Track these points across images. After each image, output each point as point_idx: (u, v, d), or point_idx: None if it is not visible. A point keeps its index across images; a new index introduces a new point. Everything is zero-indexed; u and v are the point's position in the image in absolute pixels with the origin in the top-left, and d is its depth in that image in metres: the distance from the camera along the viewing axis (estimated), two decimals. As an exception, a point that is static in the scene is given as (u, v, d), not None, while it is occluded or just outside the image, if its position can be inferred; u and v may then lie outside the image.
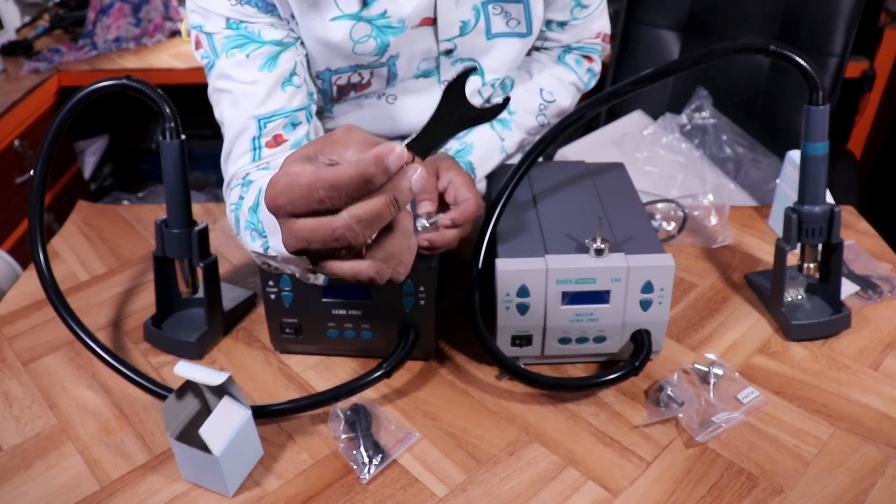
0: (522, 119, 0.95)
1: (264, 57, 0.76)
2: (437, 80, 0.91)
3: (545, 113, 0.96)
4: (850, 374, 0.81)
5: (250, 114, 0.77)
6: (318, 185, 0.41)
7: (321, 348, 0.85)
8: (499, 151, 0.92)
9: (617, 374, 0.76)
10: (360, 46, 0.80)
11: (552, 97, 0.96)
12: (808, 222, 0.82)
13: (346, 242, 0.42)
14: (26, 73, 1.80)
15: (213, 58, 0.77)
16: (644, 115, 1.54)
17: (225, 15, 0.75)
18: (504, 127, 0.93)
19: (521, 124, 0.94)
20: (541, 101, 0.95)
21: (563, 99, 0.97)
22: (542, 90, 0.96)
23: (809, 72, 0.76)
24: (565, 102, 0.98)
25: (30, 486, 0.70)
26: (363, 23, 0.79)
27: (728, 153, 1.40)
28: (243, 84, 0.76)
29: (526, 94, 0.95)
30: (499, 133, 0.93)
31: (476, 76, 0.91)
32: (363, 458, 0.71)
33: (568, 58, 0.99)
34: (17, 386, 0.83)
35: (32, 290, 0.98)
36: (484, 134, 0.91)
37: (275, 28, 0.77)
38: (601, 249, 0.76)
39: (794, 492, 0.68)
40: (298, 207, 0.42)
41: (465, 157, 0.89)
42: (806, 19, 1.41)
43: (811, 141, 0.79)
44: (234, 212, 0.76)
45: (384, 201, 0.42)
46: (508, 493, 0.69)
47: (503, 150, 0.93)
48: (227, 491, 0.68)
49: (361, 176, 0.41)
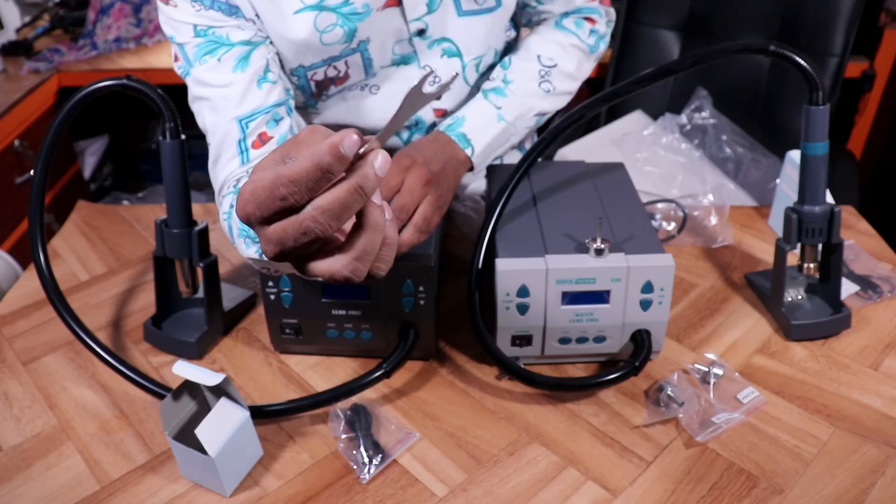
0: (520, 87, 0.91)
1: (236, 58, 0.76)
2: (417, 66, 0.89)
3: (548, 79, 0.92)
4: (850, 373, 0.81)
5: (231, 116, 0.76)
6: (278, 182, 0.41)
7: (321, 348, 0.85)
8: (496, 120, 0.89)
9: (617, 374, 0.76)
10: (326, 36, 0.79)
11: (552, 61, 0.93)
12: (809, 222, 0.82)
13: (314, 235, 0.42)
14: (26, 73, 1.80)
15: (187, 67, 0.77)
16: (644, 115, 1.54)
17: (192, 22, 0.75)
18: (498, 95, 0.90)
19: (518, 92, 0.91)
20: (540, 67, 0.92)
21: (566, 62, 0.94)
22: (539, 56, 0.93)
23: (809, 72, 0.76)
24: (569, 66, 0.94)
25: (30, 486, 0.70)
26: (326, 12, 0.78)
27: (728, 153, 1.40)
28: (219, 88, 0.76)
29: (522, 63, 0.92)
30: (493, 102, 0.90)
31: (451, 60, 0.89)
32: (363, 458, 0.71)
33: (566, 22, 0.96)
34: (17, 386, 0.83)
35: (32, 290, 0.98)
36: (475, 105, 0.89)
37: (242, 29, 0.77)
38: (601, 249, 0.76)
39: (794, 492, 0.68)
40: (266, 210, 0.42)
41: (456, 130, 0.87)
42: (806, 19, 1.41)
43: (811, 141, 0.79)
44: (226, 220, 0.76)
45: (347, 189, 0.41)
46: (508, 493, 0.69)
47: (500, 118, 0.89)
48: (225, 491, 0.68)
49: (318, 166, 0.40)
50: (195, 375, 0.66)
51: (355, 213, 0.43)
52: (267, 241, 0.44)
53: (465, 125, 0.87)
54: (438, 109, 0.94)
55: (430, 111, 0.93)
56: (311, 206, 0.42)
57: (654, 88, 1.58)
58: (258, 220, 0.43)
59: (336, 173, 0.41)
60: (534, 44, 0.94)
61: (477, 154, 0.87)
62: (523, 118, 0.91)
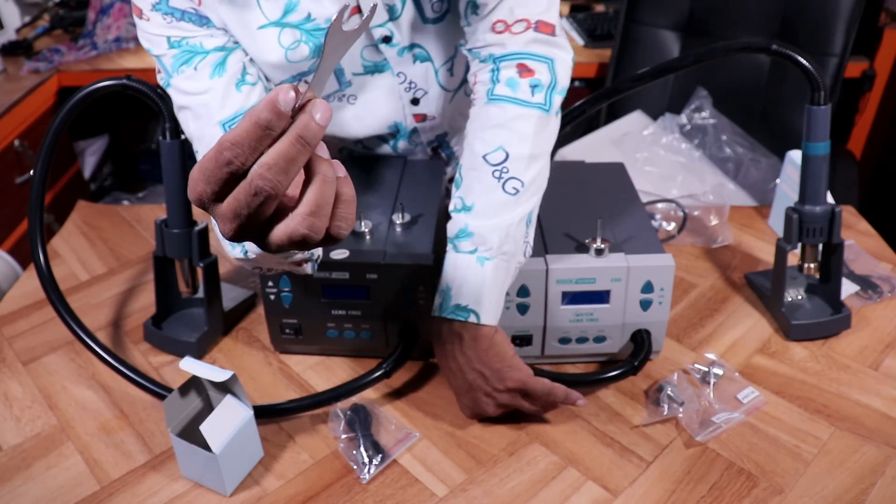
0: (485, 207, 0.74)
1: (212, 65, 0.76)
2: (391, 73, 0.85)
3: (507, 176, 0.73)
4: (850, 373, 0.81)
5: (213, 121, 0.76)
6: (222, 148, 0.41)
7: (321, 348, 0.85)
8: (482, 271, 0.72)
9: (616, 372, 0.76)
10: (292, 53, 0.77)
11: (501, 154, 0.74)
12: (809, 222, 0.82)
13: (265, 193, 0.42)
14: (26, 73, 1.80)
15: (167, 78, 0.77)
16: (643, 116, 1.54)
17: (165, 35, 0.75)
18: (464, 238, 0.74)
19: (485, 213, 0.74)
20: (492, 168, 0.74)
21: (517, 146, 0.74)
22: (485, 156, 0.74)
23: (811, 71, 0.76)
24: (523, 147, 0.74)
25: (30, 486, 0.70)
26: (290, 28, 0.76)
27: (728, 153, 1.41)
28: (198, 95, 0.76)
29: (473, 174, 0.75)
30: (464, 250, 0.74)
31: (424, 65, 0.85)
32: (363, 458, 0.71)
33: (498, 88, 0.76)
34: (17, 386, 0.83)
35: (32, 290, 0.97)
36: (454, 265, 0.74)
37: (214, 37, 0.76)
38: (601, 249, 0.76)
39: (794, 492, 0.68)
40: (216, 181, 0.42)
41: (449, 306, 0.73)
42: (806, 19, 1.41)
43: (813, 141, 0.79)
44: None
45: (289, 141, 0.41)
46: (508, 493, 0.69)
47: (482, 260, 0.73)
48: (225, 490, 0.68)
49: (257, 124, 0.41)
50: (203, 371, 0.66)
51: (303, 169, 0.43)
52: (223, 220, 0.44)
53: (457, 299, 0.73)
54: (418, 115, 0.90)
55: (410, 118, 0.91)
56: (256, 164, 0.42)
57: (654, 88, 1.58)
58: (210, 197, 0.43)
59: (276, 129, 0.41)
60: (472, 141, 0.77)
61: (485, 318, 0.72)
62: (510, 239, 0.73)
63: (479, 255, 0.73)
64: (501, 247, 0.73)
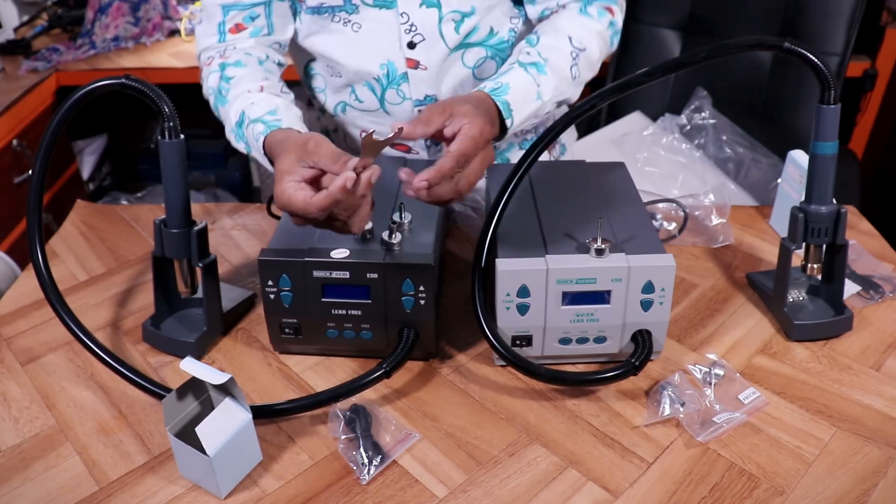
0: (556, 67, 0.90)
1: None
2: (396, 13, 0.93)
3: (577, 63, 0.92)
4: (851, 374, 0.81)
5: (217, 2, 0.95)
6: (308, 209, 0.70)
7: (321, 349, 0.85)
8: (535, 98, 0.88)
9: (617, 373, 0.76)
10: None
11: (582, 45, 0.92)
12: (815, 222, 0.82)
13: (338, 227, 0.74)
14: (24, 72, 1.79)
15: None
16: (643, 117, 1.54)
17: None
18: (539, 72, 0.89)
19: (555, 70, 0.90)
20: (572, 49, 0.91)
21: (592, 48, 0.93)
22: (570, 38, 0.91)
23: (822, 70, 0.75)
24: (594, 53, 0.93)
25: (28, 486, 0.70)
26: None
27: (728, 153, 1.40)
28: None
29: (554, 42, 0.91)
30: (534, 77, 0.88)
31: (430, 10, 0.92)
32: (363, 458, 0.71)
33: (590, 9, 0.95)
34: (16, 386, 0.83)
35: (31, 290, 0.97)
36: (518, 76, 0.88)
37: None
38: (602, 249, 0.76)
39: (796, 493, 0.67)
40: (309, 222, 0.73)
41: (501, 97, 0.85)
42: (807, 18, 1.41)
43: (821, 140, 0.78)
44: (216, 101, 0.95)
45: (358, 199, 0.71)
46: (509, 494, 0.68)
47: (539, 96, 0.88)
48: (220, 493, 0.68)
49: (335, 202, 0.69)
50: (202, 373, 0.66)
51: None
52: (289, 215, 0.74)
53: (509, 93, 0.85)
54: (411, 60, 0.95)
55: (403, 61, 0.95)
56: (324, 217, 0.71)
57: (654, 88, 1.57)
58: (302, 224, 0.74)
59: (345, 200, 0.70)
60: (563, 24, 0.93)
61: (514, 126, 0.86)
62: (552, 101, 0.91)
63: (538, 91, 0.88)
64: (546, 102, 0.90)
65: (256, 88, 0.91)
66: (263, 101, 0.89)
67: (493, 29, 0.97)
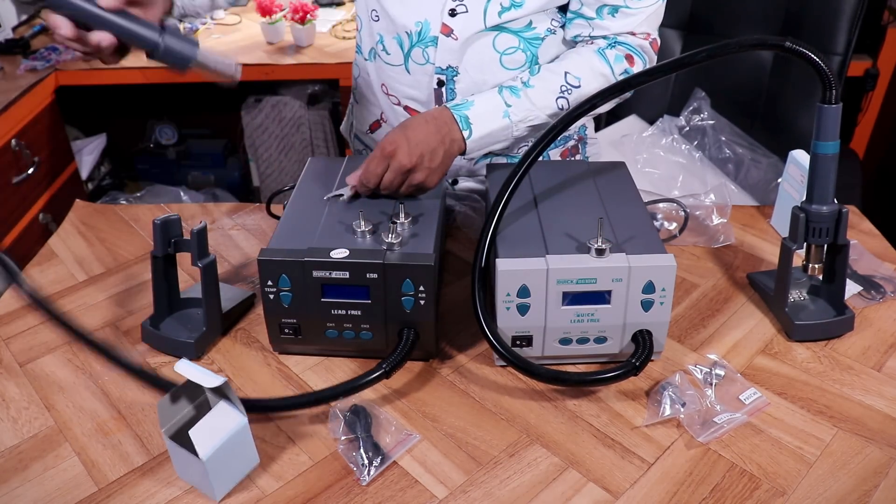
0: (538, 94, 0.93)
1: None
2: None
3: (567, 96, 0.93)
4: (852, 374, 0.81)
5: None
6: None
7: (320, 349, 0.85)
8: (501, 115, 0.91)
9: (617, 373, 0.76)
10: None
11: (578, 82, 0.94)
12: (816, 222, 0.81)
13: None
14: (23, 71, 1.79)
15: None
16: (639, 120, 1.53)
17: None
18: (513, 94, 0.93)
19: (533, 97, 0.92)
20: (563, 83, 0.93)
21: (589, 86, 0.94)
22: (567, 73, 0.94)
23: (824, 70, 0.75)
24: (590, 92, 0.93)
25: (27, 487, 0.70)
26: None
27: (727, 154, 1.40)
28: None
29: (548, 74, 0.94)
30: (504, 98, 0.92)
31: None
32: (363, 459, 0.71)
33: (609, 52, 0.96)
34: (14, 387, 0.82)
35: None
36: (488, 95, 0.93)
37: None
38: (602, 249, 0.76)
39: (797, 493, 0.67)
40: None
41: (461, 111, 0.90)
42: (808, 18, 1.40)
43: (822, 140, 0.78)
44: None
45: None
46: (509, 495, 0.68)
47: (506, 114, 0.91)
48: (214, 495, 0.67)
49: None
50: (195, 375, 0.66)
51: None
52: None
53: (470, 109, 0.91)
54: (446, 26, 0.97)
55: (439, 24, 0.97)
56: None
57: (655, 89, 1.57)
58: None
59: None
60: (570, 58, 0.96)
61: (473, 140, 0.90)
62: (524, 123, 0.93)
63: (507, 111, 0.92)
64: (518, 123, 0.92)
65: None
66: None
67: (532, 23, 0.98)
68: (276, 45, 1.97)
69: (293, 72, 1.90)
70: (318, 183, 0.92)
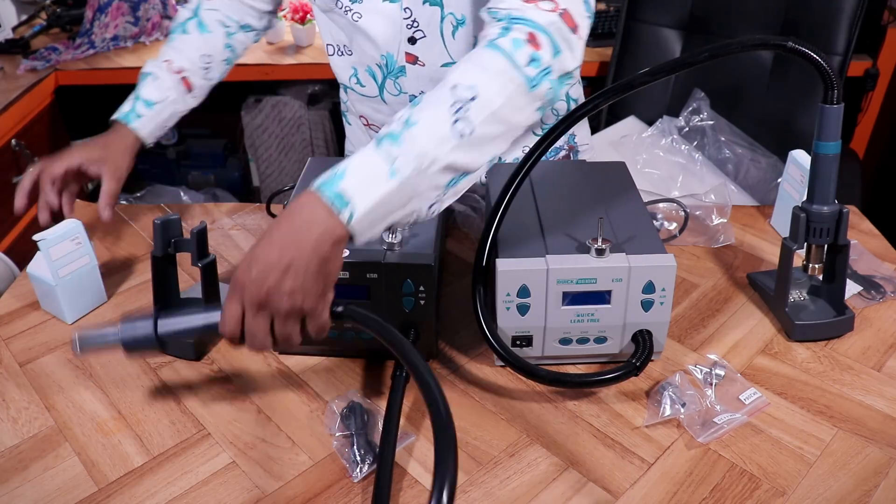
0: (424, 130, 0.67)
1: None
2: (399, 6, 0.93)
3: (464, 116, 0.67)
4: (852, 375, 0.81)
5: None
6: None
7: (321, 349, 0.85)
8: (386, 176, 0.65)
9: (617, 373, 0.76)
10: None
11: (473, 92, 0.67)
12: (817, 222, 0.81)
13: None
14: (23, 71, 1.79)
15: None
16: (638, 121, 1.53)
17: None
18: (393, 143, 0.66)
19: (420, 137, 0.66)
20: (453, 101, 0.67)
21: (490, 94, 0.68)
22: (455, 86, 0.68)
23: (826, 70, 0.75)
24: (495, 99, 0.68)
25: (27, 487, 0.70)
26: None
27: (727, 154, 1.40)
28: None
29: (431, 98, 0.69)
30: (386, 152, 0.66)
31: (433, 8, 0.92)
32: (355, 456, 0.70)
33: (503, 41, 0.70)
34: (14, 387, 0.82)
35: (29, 290, 0.97)
36: (361, 156, 0.67)
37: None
38: (602, 249, 0.76)
39: (797, 494, 0.67)
40: None
41: (332, 188, 0.65)
42: (808, 18, 1.40)
43: (824, 140, 0.78)
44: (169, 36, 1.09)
45: None
46: (509, 495, 0.68)
47: (393, 173, 0.65)
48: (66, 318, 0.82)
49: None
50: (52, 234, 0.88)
51: None
52: None
53: (343, 181, 0.65)
54: (410, 55, 0.95)
55: (403, 55, 0.96)
56: None
57: (654, 89, 1.57)
58: None
59: None
60: (453, 71, 0.70)
61: (359, 218, 0.64)
62: (425, 174, 0.66)
63: (393, 168, 0.65)
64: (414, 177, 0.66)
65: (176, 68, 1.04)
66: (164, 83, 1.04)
67: None
68: (276, 45, 1.97)
69: (293, 72, 1.90)
70: (318, 183, 0.92)
